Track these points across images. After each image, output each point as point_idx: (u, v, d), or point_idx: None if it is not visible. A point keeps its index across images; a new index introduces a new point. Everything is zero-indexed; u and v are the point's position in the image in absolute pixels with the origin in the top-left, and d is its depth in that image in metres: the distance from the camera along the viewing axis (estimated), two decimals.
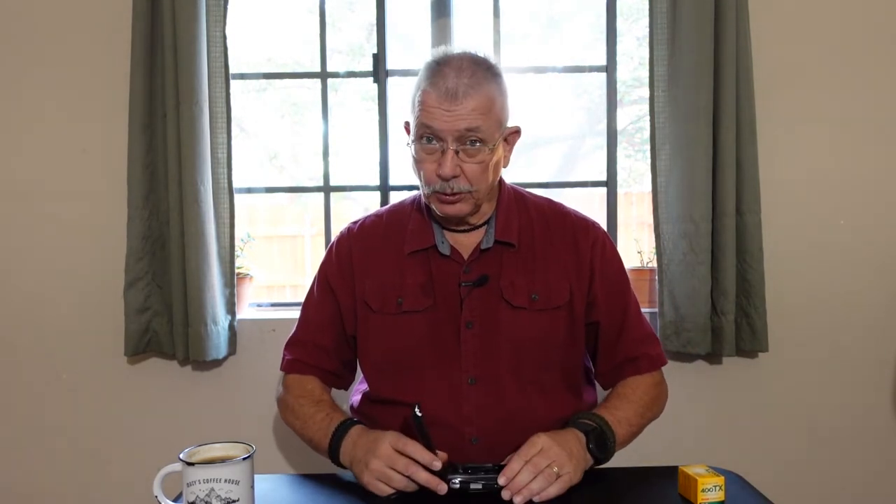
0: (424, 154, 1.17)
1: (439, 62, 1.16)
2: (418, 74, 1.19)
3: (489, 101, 1.15)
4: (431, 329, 1.22)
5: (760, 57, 1.86)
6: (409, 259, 1.25)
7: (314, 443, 1.22)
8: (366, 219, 1.35)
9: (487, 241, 1.24)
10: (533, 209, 1.30)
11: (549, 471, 1.05)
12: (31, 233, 1.93)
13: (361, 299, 1.26)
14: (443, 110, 1.13)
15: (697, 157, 1.80)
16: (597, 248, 1.28)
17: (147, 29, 1.80)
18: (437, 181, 1.15)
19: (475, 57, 1.17)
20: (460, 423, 1.19)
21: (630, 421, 1.22)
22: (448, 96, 1.12)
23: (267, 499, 1.02)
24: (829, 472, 1.98)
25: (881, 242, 1.94)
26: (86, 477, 1.98)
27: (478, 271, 1.23)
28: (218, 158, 1.85)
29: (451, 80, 1.13)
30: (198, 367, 1.96)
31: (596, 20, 2.06)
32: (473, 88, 1.13)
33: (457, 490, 1.01)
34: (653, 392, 1.30)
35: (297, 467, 1.95)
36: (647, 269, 2.01)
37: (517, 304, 1.22)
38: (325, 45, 2.02)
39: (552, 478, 1.05)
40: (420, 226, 1.27)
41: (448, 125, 1.13)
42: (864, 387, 1.97)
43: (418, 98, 1.16)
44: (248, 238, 2.09)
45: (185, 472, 0.88)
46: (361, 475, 1.08)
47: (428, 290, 1.23)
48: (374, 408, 1.29)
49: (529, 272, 1.24)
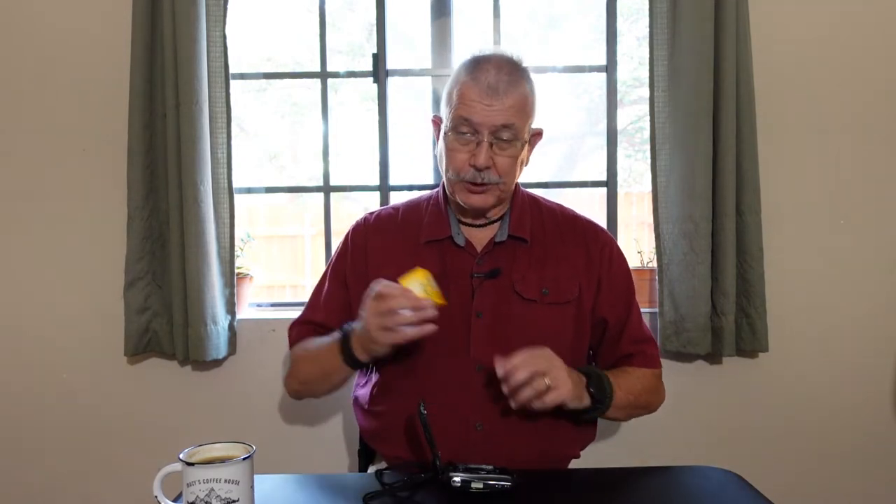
0: (459, 144, 1.22)
1: (479, 60, 1.23)
2: (455, 72, 1.26)
3: (525, 100, 1.22)
4: (443, 317, 1.23)
5: (760, 57, 1.86)
6: (424, 249, 1.30)
7: (328, 361, 1.24)
8: (381, 210, 1.40)
9: (501, 235, 1.30)
10: (546, 211, 1.36)
11: (541, 381, 1.10)
12: (31, 233, 1.93)
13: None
14: (483, 105, 1.19)
15: (697, 158, 1.80)
16: (605, 251, 1.34)
17: (147, 29, 1.80)
18: (468, 170, 1.22)
19: (511, 58, 1.24)
20: (466, 409, 1.23)
21: (628, 389, 1.27)
22: (489, 91, 1.19)
23: (267, 499, 1.02)
24: (828, 471, 1.98)
25: (881, 243, 1.94)
26: (86, 477, 1.98)
27: (490, 264, 1.28)
28: (218, 158, 1.85)
29: (493, 76, 1.19)
30: (198, 367, 1.96)
31: (596, 20, 2.06)
32: (513, 86, 1.20)
33: (457, 489, 1.01)
34: (651, 381, 1.35)
35: (297, 467, 1.95)
36: (647, 269, 2.01)
37: (528, 297, 1.27)
38: (325, 45, 2.02)
39: (542, 387, 1.10)
40: (436, 217, 1.32)
41: (486, 119, 1.19)
42: (864, 387, 1.97)
43: (457, 91, 1.22)
44: (248, 238, 2.09)
45: (185, 472, 0.88)
46: (373, 340, 1.12)
47: (442, 279, 1.24)
48: (382, 397, 1.30)
49: (540, 267, 1.29)
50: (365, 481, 1.10)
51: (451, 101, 1.23)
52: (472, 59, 1.24)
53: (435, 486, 1.04)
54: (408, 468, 1.22)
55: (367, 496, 1.01)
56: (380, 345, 1.12)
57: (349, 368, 1.22)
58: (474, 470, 1.04)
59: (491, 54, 1.23)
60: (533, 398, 1.10)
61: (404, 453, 1.27)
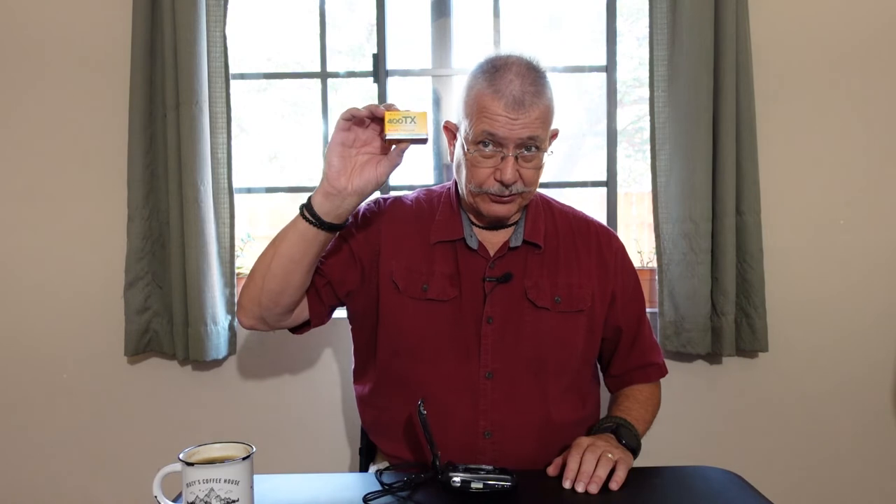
0: (481, 157, 1.17)
1: (497, 66, 1.16)
2: (471, 78, 1.19)
3: (548, 110, 1.17)
4: (454, 320, 1.24)
5: (760, 57, 1.86)
6: (436, 248, 1.26)
7: (288, 234, 1.15)
8: (394, 198, 1.34)
9: (516, 240, 1.26)
10: (558, 215, 1.33)
11: (606, 457, 1.07)
12: (31, 233, 1.93)
13: (388, 276, 1.25)
14: (508, 118, 1.13)
15: (697, 157, 1.80)
16: (618, 257, 1.33)
17: (147, 29, 1.80)
18: (493, 185, 1.17)
19: (531, 62, 1.17)
20: (475, 416, 1.21)
21: (645, 419, 1.29)
22: (515, 105, 1.12)
23: (267, 499, 1.02)
24: (828, 471, 1.98)
25: (881, 242, 1.95)
26: (86, 477, 1.98)
27: (502, 268, 1.25)
28: (218, 158, 1.85)
29: (517, 87, 1.13)
30: (198, 367, 1.96)
31: (596, 20, 2.06)
32: (538, 97, 1.14)
33: (457, 489, 1.01)
34: (657, 395, 1.37)
35: (297, 467, 1.95)
36: (647, 269, 2.01)
37: (541, 304, 1.25)
38: (325, 45, 2.03)
39: (611, 463, 1.07)
40: (449, 217, 1.27)
41: (512, 133, 1.13)
42: (864, 387, 1.97)
43: (478, 101, 1.15)
44: (248, 238, 2.09)
45: (185, 472, 0.88)
46: (329, 162, 1.08)
47: (455, 281, 1.24)
48: (387, 393, 1.29)
49: (553, 274, 1.27)
50: (365, 481, 1.10)
51: (470, 112, 1.16)
52: (489, 65, 1.16)
53: (435, 486, 1.04)
54: (408, 468, 1.22)
55: (368, 496, 1.01)
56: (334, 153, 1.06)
57: (313, 231, 1.12)
58: (474, 470, 1.03)
59: (509, 57, 1.16)
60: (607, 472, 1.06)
61: (405, 451, 1.27)
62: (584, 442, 1.11)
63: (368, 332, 1.31)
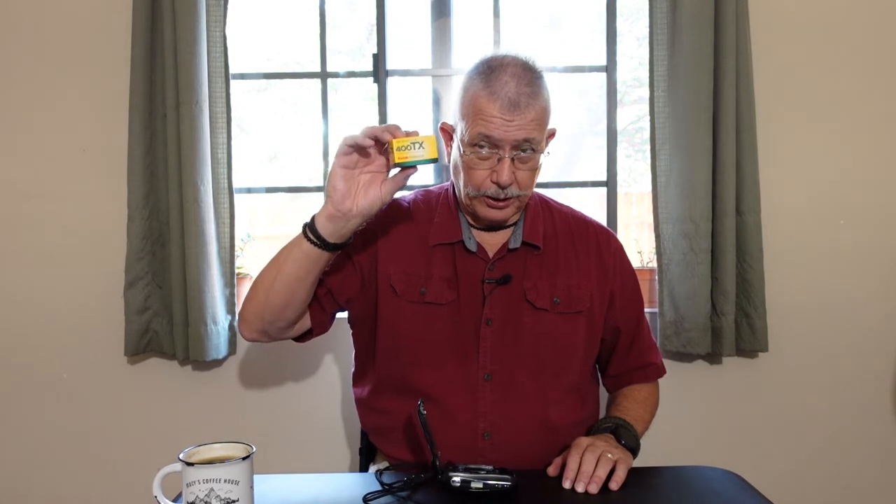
0: (477, 160, 1.16)
1: (492, 67, 1.15)
2: (467, 79, 1.18)
3: (544, 111, 1.16)
4: (452, 323, 1.23)
5: (760, 57, 1.86)
6: (434, 251, 1.26)
7: (290, 252, 1.14)
8: (392, 200, 1.30)
9: (515, 242, 1.25)
10: (557, 216, 1.33)
11: (606, 457, 1.07)
12: (31, 233, 1.93)
13: (386, 280, 1.25)
14: (504, 120, 1.12)
15: (697, 157, 1.80)
16: (617, 257, 1.33)
17: (147, 29, 1.80)
18: (490, 187, 1.16)
19: (526, 62, 1.16)
20: (474, 418, 1.21)
21: (644, 419, 1.29)
22: (510, 107, 1.12)
23: (267, 499, 1.02)
24: (828, 471, 1.98)
25: (881, 242, 1.95)
26: (86, 477, 1.98)
27: (501, 270, 1.24)
28: (218, 158, 1.85)
29: (512, 88, 1.12)
30: (198, 367, 1.96)
31: (596, 20, 2.06)
32: (533, 98, 1.13)
33: (457, 489, 1.01)
34: (655, 395, 1.38)
35: (297, 467, 1.95)
36: (647, 269, 2.01)
37: (540, 305, 1.24)
38: (325, 45, 2.02)
39: (611, 463, 1.07)
40: (447, 219, 1.27)
41: (508, 135, 1.13)
42: (864, 387, 1.97)
43: (473, 103, 1.15)
44: (248, 238, 2.09)
45: (185, 472, 0.88)
46: (332, 185, 1.07)
47: (453, 284, 1.24)
48: (386, 395, 1.29)
49: (552, 276, 1.26)
50: (365, 481, 1.10)
51: (466, 114, 1.16)
52: (485, 66, 1.16)
53: (435, 486, 1.04)
54: (408, 468, 1.22)
55: (367, 496, 1.01)
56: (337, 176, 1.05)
57: (317, 251, 1.11)
58: (474, 470, 1.03)
59: (505, 58, 1.15)
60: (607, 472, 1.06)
61: (405, 453, 1.27)
62: (583, 442, 1.11)
63: (367, 336, 1.31)
